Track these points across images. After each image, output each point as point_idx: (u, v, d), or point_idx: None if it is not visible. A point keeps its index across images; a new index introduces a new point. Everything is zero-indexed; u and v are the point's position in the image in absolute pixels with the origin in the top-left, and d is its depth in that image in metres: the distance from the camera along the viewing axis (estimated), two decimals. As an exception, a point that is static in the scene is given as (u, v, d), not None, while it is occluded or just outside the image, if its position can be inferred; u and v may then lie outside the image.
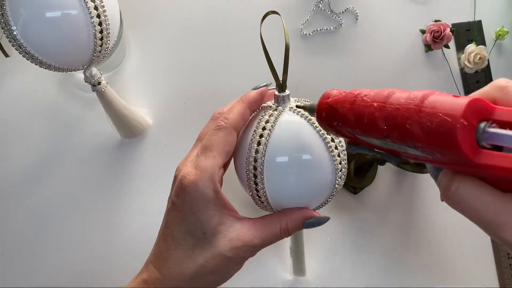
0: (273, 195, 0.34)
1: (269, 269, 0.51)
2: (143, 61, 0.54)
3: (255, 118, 0.35)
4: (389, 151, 0.24)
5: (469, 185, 0.21)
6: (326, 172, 0.33)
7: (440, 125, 0.20)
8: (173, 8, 0.54)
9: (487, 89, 0.23)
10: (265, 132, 0.33)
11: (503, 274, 0.52)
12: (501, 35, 0.53)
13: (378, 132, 0.23)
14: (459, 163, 0.20)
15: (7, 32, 0.38)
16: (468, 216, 0.22)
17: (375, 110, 0.23)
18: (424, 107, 0.21)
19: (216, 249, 0.31)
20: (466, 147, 0.19)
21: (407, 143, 0.22)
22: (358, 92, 0.25)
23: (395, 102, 0.22)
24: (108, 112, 0.48)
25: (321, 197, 0.35)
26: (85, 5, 0.39)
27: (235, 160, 0.36)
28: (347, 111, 0.25)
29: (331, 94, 0.28)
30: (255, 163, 0.33)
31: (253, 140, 0.33)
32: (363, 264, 0.52)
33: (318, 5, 0.54)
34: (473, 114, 0.20)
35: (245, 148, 0.34)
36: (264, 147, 0.32)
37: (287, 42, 0.34)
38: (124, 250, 0.51)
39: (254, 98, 0.35)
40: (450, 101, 0.20)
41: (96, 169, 0.52)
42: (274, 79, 0.35)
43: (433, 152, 0.21)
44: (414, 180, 0.53)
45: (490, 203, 0.20)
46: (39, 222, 0.52)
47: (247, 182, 0.34)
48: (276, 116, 0.33)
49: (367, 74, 0.53)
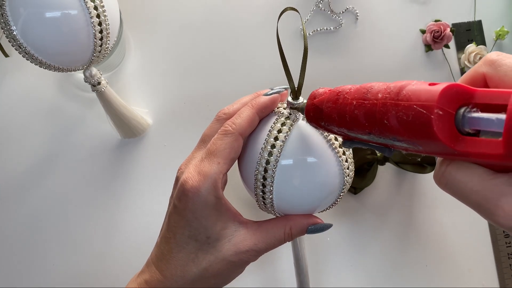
0: (279, 202, 0.33)
1: (271, 269, 0.51)
2: (143, 61, 0.54)
3: (266, 123, 0.33)
4: (380, 144, 0.24)
5: (457, 168, 0.20)
6: (334, 183, 0.33)
7: (415, 118, 0.19)
8: (173, 8, 0.54)
9: (478, 65, 0.22)
10: (277, 142, 0.32)
11: (503, 274, 0.52)
12: (501, 35, 0.53)
13: (361, 129, 0.23)
14: (444, 153, 0.20)
15: (7, 32, 0.38)
16: (460, 199, 0.21)
17: (355, 108, 0.23)
18: (399, 100, 0.20)
19: (220, 253, 0.31)
20: (444, 137, 0.19)
21: (390, 137, 0.21)
22: (340, 90, 0.25)
23: (372, 98, 0.22)
24: (108, 112, 0.48)
25: (327, 204, 0.35)
26: (85, 5, 0.39)
27: (240, 164, 0.35)
28: (331, 110, 0.25)
29: (317, 93, 0.28)
30: (264, 173, 0.32)
31: (264, 149, 0.32)
32: (363, 264, 0.52)
33: (318, 5, 0.54)
34: (450, 101, 0.19)
35: (254, 155, 0.33)
36: (275, 158, 0.32)
37: (306, 45, 0.31)
38: (124, 250, 0.51)
39: (265, 104, 0.33)
40: (425, 91, 0.19)
41: (96, 169, 0.52)
42: (289, 83, 0.33)
43: (415, 144, 0.20)
44: (414, 180, 0.53)
45: (479, 186, 0.19)
46: (38, 222, 0.52)
47: (255, 190, 0.33)
48: (289, 126, 0.32)
49: (367, 74, 0.53)
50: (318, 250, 0.52)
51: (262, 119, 0.34)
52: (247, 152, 0.34)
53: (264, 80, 0.53)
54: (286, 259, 0.51)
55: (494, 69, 0.21)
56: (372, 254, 0.52)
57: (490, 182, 0.19)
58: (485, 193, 0.19)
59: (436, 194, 0.52)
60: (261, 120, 0.34)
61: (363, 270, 0.52)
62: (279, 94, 0.34)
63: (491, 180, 0.19)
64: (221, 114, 0.35)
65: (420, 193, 0.53)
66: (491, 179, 0.19)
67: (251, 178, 0.33)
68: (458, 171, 0.20)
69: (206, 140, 0.34)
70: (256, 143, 0.33)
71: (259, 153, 0.32)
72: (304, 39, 0.31)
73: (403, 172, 0.52)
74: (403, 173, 0.52)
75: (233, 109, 0.34)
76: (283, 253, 0.51)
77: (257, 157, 0.32)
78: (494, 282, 0.52)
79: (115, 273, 0.51)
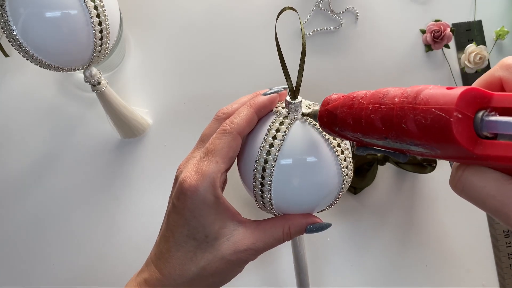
0: (278, 202, 0.33)
1: (271, 269, 0.51)
2: (143, 61, 0.54)
3: (265, 122, 0.34)
4: (394, 149, 0.24)
5: (473, 173, 0.20)
6: (332, 183, 0.33)
7: (434, 121, 0.19)
8: (173, 8, 0.54)
9: (494, 69, 0.22)
10: (275, 142, 0.32)
11: (503, 274, 0.52)
12: (501, 35, 0.53)
13: (377, 133, 0.23)
14: (462, 156, 0.20)
15: (7, 32, 0.38)
16: (476, 205, 0.21)
17: (371, 112, 0.23)
18: (417, 104, 0.20)
19: (218, 252, 0.31)
20: (463, 140, 0.19)
21: (407, 141, 0.21)
22: (355, 95, 0.25)
23: (389, 102, 0.22)
24: (108, 112, 0.48)
25: (325, 204, 0.35)
26: (85, 5, 0.39)
27: (239, 163, 0.35)
28: (346, 115, 0.25)
29: (330, 99, 0.28)
30: (263, 172, 0.32)
31: (262, 148, 0.32)
32: (363, 264, 0.52)
33: (318, 5, 0.54)
34: (469, 105, 0.19)
35: (252, 154, 0.33)
36: (274, 157, 0.32)
37: (304, 44, 0.32)
38: (124, 250, 0.51)
39: (263, 104, 0.33)
40: (443, 95, 0.19)
41: (96, 169, 0.52)
42: (287, 82, 0.33)
43: (433, 148, 0.20)
44: (414, 180, 0.53)
45: (495, 191, 0.19)
46: (38, 222, 0.52)
47: (253, 189, 0.33)
48: (287, 125, 0.32)
49: (367, 74, 0.53)
50: (318, 250, 0.52)
51: (261, 119, 0.34)
52: (245, 151, 0.34)
53: (264, 80, 0.53)
54: (286, 259, 0.51)
55: (511, 73, 0.21)
56: (372, 254, 0.52)
57: (508, 187, 0.19)
58: (502, 198, 0.19)
59: (436, 194, 0.52)
60: (260, 120, 0.34)
61: (363, 270, 0.52)
62: (277, 94, 0.34)
63: (509, 185, 0.19)
64: (220, 113, 0.35)
65: (420, 193, 0.53)
66: (509, 184, 0.19)
67: (249, 177, 0.33)
68: (474, 176, 0.20)
69: (205, 139, 0.34)
70: (255, 142, 0.33)
71: (258, 152, 0.32)
72: (302, 38, 0.31)
73: (403, 172, 0.52)
74: (403, 173, 0.52)
75: (232, 109, 0.34)
76: (283, 252, 0.51)
77: (255, 156, 0.33)
78: (494, 282, 0.52)
79: (115, 272, 0.51)
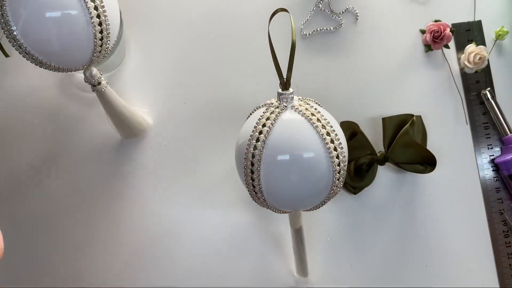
0: (268, 191, 0.34)
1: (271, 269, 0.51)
2: (143, 61, 0.54)
3: (258, 114, 0.35)
4: None
5: None
6: (323, 173, 0.33)
7: None
8: (173, 8, 0.54)
9: None
10: (264, 129, 0.33)
11: (503, 274, 0.52)
12: (501, 35, 0.53)
13: None
14: None
15: (7, 32, 0.38)
16: None
17: None
18: None
19: None
20: None
21: None
22: None
23: None
24: (108, 112, 0.48)
25: (318, 198, 0.35)
26: (85, 5, 0.39)
27: (235, 153, 0.36)
28: None
29: None
30: (252, 159, 0.33)
31: (253, 136, 0.33)
32: (363, 264, 0.52)
33: (318, 5, 0.54)
34: None
35: (244, 143, 0.34)
36: (262, 144, 0.33)
37: (293, 40, 0.33)
38: (124, 250, 0.51)
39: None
40: None
41: (96, 169, 0.52)
42: (278, 76, 0.34)
43: None
44: (414, 180, 0.53)
45: None
46: (38, 222, 0.52)
47: (245, 177, 0.34)
48: (277, 114, 0.34)
49: (367, 74, 0.53)
50: (318, 250, 0.52)
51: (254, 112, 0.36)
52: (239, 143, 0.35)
53: (264, 80, 0.53)
54: (286, 259, 0.51)
55: None
56: (372, 254, 0.52)
57: None
58: None
59: (436, 194, 0.52)
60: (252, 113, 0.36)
61: (363, 270, 0.52)
62: None
63: None
64: None
65: (420, 193, 0.53)
66: None
67: (242, 169, 0.35)
68: None
69: None
70: (247, 133, 0.34)
71: (250, 135, 0.34)
72: (292, 34, 0.33)
73: (403, 172, 0.52)
74: (403, 173, 0.52)
75: None
76: (283, 252, 0.51)
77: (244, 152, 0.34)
78: (494, 282, 0.52)
79: (115, 272, 0.51)
